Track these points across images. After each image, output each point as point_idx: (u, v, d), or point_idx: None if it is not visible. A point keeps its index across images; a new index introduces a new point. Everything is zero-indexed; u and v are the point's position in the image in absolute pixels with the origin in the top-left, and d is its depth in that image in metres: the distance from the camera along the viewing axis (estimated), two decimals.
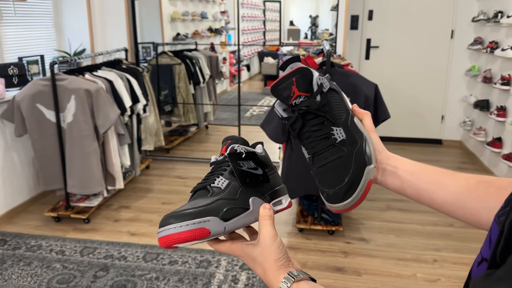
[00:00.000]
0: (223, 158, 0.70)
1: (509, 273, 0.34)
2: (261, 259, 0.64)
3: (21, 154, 3.34)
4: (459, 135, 5.03)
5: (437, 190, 0.67)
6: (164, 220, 0.61)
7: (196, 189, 0.68)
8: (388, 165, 0.71)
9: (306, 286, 0.59)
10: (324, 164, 0.68)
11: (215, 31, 6.10)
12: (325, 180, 0.67)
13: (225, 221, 0.63)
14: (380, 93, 2.92)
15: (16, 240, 2.91)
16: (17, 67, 3.29)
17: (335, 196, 0.66)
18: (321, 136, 0.68)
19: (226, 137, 0.73)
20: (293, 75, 0.68)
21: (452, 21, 4.75)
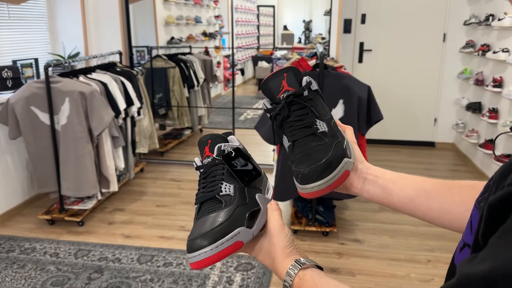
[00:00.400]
0: (211, 161, 0.69)
1: (491, 254, 0.35)
2: (269, 248, 0.65)
3: (15, 157, 3.33)
4: (451, 137, 5.07)
5: (420, 197, 0.67)
6: (194, 244, 0.61)
7: (203, 200, 0.67)
8: (368, 174, 0.71)
9: (312, 273, 0.60)
10: (303, 150, 0.68)
11: (209, 35, 6.12)
12: (302, 163, 0.67)
13: (250, 228, 0.64)
14: (373, 95, 2.95)
15: (10, 243, 2.90)
16: (11, 70, 3.29)
17: (310, 175, 0.65)
18: (303, 125, 0.69)
19: (202, 138, 0.72)
20: (285, 71, 0.72)
21: (444, 24, 4.80)
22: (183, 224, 3.18)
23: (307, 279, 0.60)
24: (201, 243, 0.60)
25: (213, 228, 0.61)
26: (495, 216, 0.38)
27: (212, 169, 0.68)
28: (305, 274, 0.60)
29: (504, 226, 0.35)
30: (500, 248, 0.34)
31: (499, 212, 0.37)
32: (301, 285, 0.60)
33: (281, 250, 0.64)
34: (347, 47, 5.01)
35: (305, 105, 0.70)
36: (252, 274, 2.53)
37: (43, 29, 3.92)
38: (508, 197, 0.36)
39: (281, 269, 0.63)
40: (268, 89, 0.72)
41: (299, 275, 0.61)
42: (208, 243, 0.60)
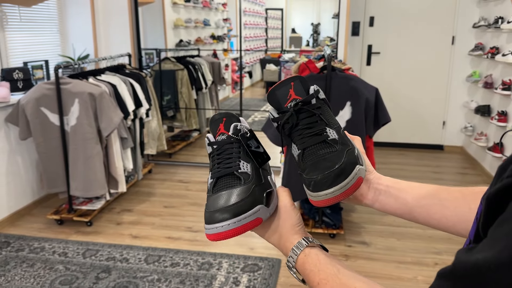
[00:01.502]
0: (227, 139, 0.69)
1: (488, 243, 0.35)
2: (278, 225, 0.66)
3: (25, 157, 3.37)
4: (460, 140, 5.04)
5: (434, 206, 0.65)
6: (214, 216, 0.61)
7: (219, 176, 0.67)
8: (380, 184, 0.70)
9: (318, 252, 0.61)
10: (313, 158, 0.67)
11: (217, 38, 6.15)
12: (314, 170, 0.65)
13: (268, 206, 0.65)
14: (381, 97, 2.95)
15: (20, 242, 2.93)
16: (22, 72, 3.34)
17: (323, 182, 0.63)
18: (313, 133, 0.68)
19: (216, 115, 0.72)
20: (292, 80, 0.72)
21: (453, 27, 4.79)
22: (191, 225, 3.20)
23: (312, 256, 0.60)
24: (223, 216, 0.61)
25: (234, 202, 0.62)
26: (494, 207, 0.38)
27: (227, 146, 0.69)
28: (311, 251, 0.61)
29: (501, 217, 0.36)
30: (497, 237, 0.35)
31: (498, 203, 0.38)
32: (305, 261, 0.61)
33: (290, 227, 0.65)
34: (355, 49, 5.01)
35: (314, 113, 0.70)
36: (258, 275, 2.54)
37: (54, 31, 3.97)
38: (506, 188, 0.37)
39: (288, 244, 0.64)
40: (275, 98, 0.72)
41: (304, 251, 0.61)
42: (229, 216, 0.61)
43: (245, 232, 0.62)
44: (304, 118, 0.70)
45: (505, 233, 0.34)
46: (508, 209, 0.35)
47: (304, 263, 0.61)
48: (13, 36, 3.45)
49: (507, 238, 0.33)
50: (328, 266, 0.58)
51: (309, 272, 0.59)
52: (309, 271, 0.59)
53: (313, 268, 0.59)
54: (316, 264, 0.59)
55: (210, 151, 0.71)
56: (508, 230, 0.34)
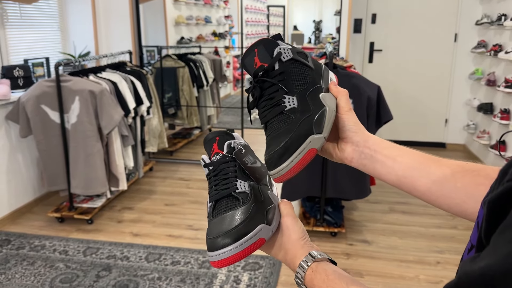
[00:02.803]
0: (222, 158, 0.68)
1: (491, 251, 0.34)
2: (283, 240, 0.64)
3: (26, 155, 3.36)
4: (462, 138, 5.01)
5: (420, 178, 0.63)
6: (216, 242, 0.60)
7: (218, 198, 0.65)
8: (366, 148, 0.66)
9: (325, 267, 0.60)
10: (271, 133, 0.65)
11: (219, 35, 6.13)
12: (268, 148, 0.64)
13: (269, 224, 0.63)
14: (382, 95, 2.93)
15: (20, 240, 2.93)
16: (23, 69, 3.32)
17: (269, 162, 0.63)
18: (273, 104, 0.65)
19: (208, 135, 0.71)
20: (255, 46, 0.66)
21: (456, 24, 4.76)
22: (191, 223, 3.19)
23: (320, 271, 0.59)
24: (224, 242, 0.60)
25: (235, 226, 0.60)
26: (496, 213, 0.37)
27: (222, 166, 0.67)
28: (319, 266, 0.59)
29: (504, 223, 0.35)
30: (499, 244, 0.34)
31: (500, 209, 0.36)
32: (313, 277, 0.59)
33: (295, 241, 0.64)
34: (357, 47, 4.98)
35: (274, 82, 0.65)
36: (259, 274, 2.53)
37: (54, 29, 3.96)
38: (508, 192, 0.36)
39: (294, 260, 0.62)
40: (245, 69, 0.67)
41: (312, 267, 0.60)
42: (231, 241, 0.59)
43: (250, 254, 0.61)
44: (267, 87, 0.65)
45: (508, 240, 0.33)
46: (510, 214, 0.34)
47: (312, 279, 0.60)
48: (14, 33, 3.44)
49: (511, 245, 0.32)
50: (336, 281, 0.57)
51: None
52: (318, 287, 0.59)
53: (321, 285, 0.58)
54: (324, 280, 0.58)
55: (207, 173, 0.69)
56: (511, 236, 0.33)
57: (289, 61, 0.65)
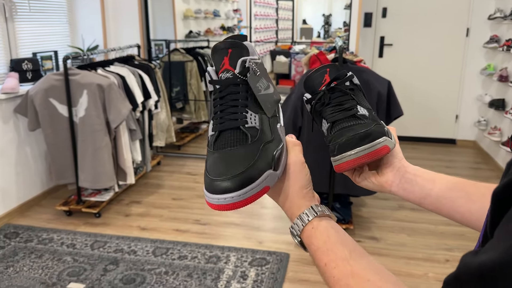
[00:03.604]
0: (233, 78, 0.59)
1: (493, 244, 0.34)
2: (285, 185, 0.60)
3: (34, 148, 3.37)
4: (473, 134, 4.95)
5: (460, 199, 0.64)
6: (219, 185, 0.53)
7: (223, 129, 0.58)
8: (407, 173, 0.68)
9: (327, 225, 0.56)
10: (341, 127, 0.69)
11: (227, 29, 6.11)
12: (340, 136, 0.68)
13: (276, 170, 0.57)
14: (393, 90, 2.89)
15: (28, 233, 2.94)
16: (31, 62, 3.33)
17: (347, 143, 0.67)
18: (343, 108, 0.71)
19: (219, 44, 0.61)
20: (327, 66, 0.74)
21: (468, 18, 4.68)
22: (199, 217, 3.18)
23: (321, 230, 0.55)
24: (227, 186, 0.53)
25: (241, 170, 0.54)
26: (500, 205, 0.36)
27: (232, 88, 0.59)
28: (320, 224, 0.56)
29: (507, 215, 0.34)
30: (502, 237, 0.33)
31: (504, 201, 0.36)
32: (313, 235, 0.55)
33: (298, 189, 0.59)
34: (367, 41, 4.93)
35: (347, 92, 0.71)
36: (266, 270, 2.52)
37: (63, 22, 3.95)
38: (510, 185, 0.35)
39: (294, 209, 0.58)
40: (310, 84, 0.74)
41: (312, 223, 0.56)
42: (235, 187, 0.53)
43: (252, 203, 0.55)
44: (337, 97, 0.71)
45: (510, 232, 0.32)
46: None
47: (311, 236, 0.55)
48: (23, 27, 3.44)
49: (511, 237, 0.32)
50: (338, 246, 0.53)
51: (316, 249, 0.54)
52: (317, 248, 0.54)
53: (321, 246, 0.54)
54: (325, 241, 0.54)
55: (211, 90, 0.61)
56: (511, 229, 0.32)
57: (356, 86, 0.75)
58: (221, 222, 3.11)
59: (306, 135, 2.72)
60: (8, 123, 3.12)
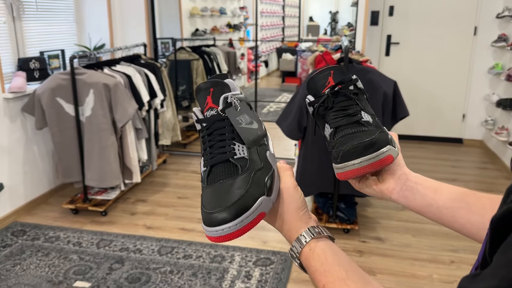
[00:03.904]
0: (217, 115, 0.61)
1: (491, 272, 0.34)
2: (281, 209, 0.61)
3: (41, 147, 3.40)
4: (480, 134, 4.92)
5: (461, 209, 0.64)
6: (214, 218, 0.55)
7: (214, 163, 0.60)
8: (408, 180, 0.69)
9: (325, 247, 0.56)
10: (345, 134, 0.69)
11: (233, 27, 6.10)
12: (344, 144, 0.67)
13: (270, 195, 0.58)
14: (399, 90, 2.88)
15: (35, 231, 2.97)
16: (38, 61, 3.35)
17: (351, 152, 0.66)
18: (347, 113, 0.70)
19: (201, 85, 0.64)
20: (332, 68, 0.74)
21: (476, 17, 4.64)
22: None
23: (318, 252, 0.56)
24: (223, 217, 0.54)
25: (234, 200, 0.55)
26: (498, 233, 0.36)
27: (217, 124, 0.61)
28: (317, 246, 0.56)
29: (504, 243, 0.34)
30: (499, 266, 0.33)
31: (502, 229, 0.36)
32: (310, 257, 0.56)
33: (294, 212, 0.60)
34: (374, 39, 4.90)
35: (351, 97, 0.71)
36: (271, 270, 2.53)
37: (70, 21, 3.97)
38: (509, 213, 0.35)
39: (291, 232, 0.59)
40: (313, 85, 0.73)
41: (310, 244, 0.57)
42: (230, 217, 0.54)
43: (249, 230, 0.56)
44: (341, 101, 0.70)
45: (506, 261, 0.33)
46: (511, 235, 0.34)
47: (308, 258, 0.56)
48: (30, 26, 3.46)
49: (508, 267, 0.32)
50: (335, 267, 0.54)
51: (314, 271, 0.55)
52: (315, 270, 0.55)
53: (318, 267, 0.55)
54: (322, 263, 0.55)
55: (199, 129, 0.63)
56: (509, 258, 0.33)
57: (361, 90, 0.74)
58: None
59: (311, 136, 2.72)
60: (15, 122, 3.15)
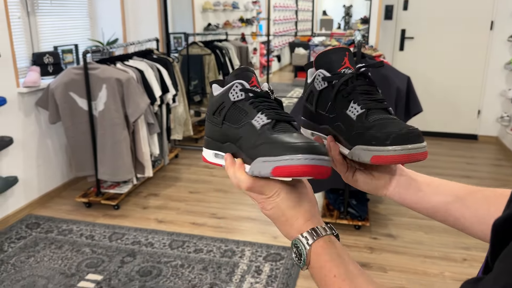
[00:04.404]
0: (267, 92, 0.65)
1: (492, 279, 0.33)
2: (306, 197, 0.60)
3: (55, 141, 3.44)
4: (495, 130, 4.84)
5: (454, 203, 0.64)
6: (319, 147, 0.55)
7: (279, 119, 0.61)
8: (403, 176, 0.68)
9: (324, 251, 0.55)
10: (382, 118, 0.66)
11: (246, 21, 6.08)
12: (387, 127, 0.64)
13: None
14: (412, 86, 2.84)
15: (49, 223, 3.01)
16: (52, 56, 3.38)
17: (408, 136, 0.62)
18: (375, 99, 0.68)
19: (243, 68, 0.67)
20: (346, 49, 0.73)
21: (492, 11, 4.56)
22: (215, 211, 3.21)
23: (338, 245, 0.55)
24: (287, 150, 0.54)
25: (309, 141, 0.56)
26: (499, 237, 0.36)
27: (270, 101, 0.65)
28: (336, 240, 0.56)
29: (506, 250, 0.34)
30: (500, 273, 0.33)
31: (503, 234, 0.35)
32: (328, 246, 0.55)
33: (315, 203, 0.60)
34: (388, 34, 4.85)
35: (374, 83, 0.70)
36: (281, 265, 2.53)
37: (83, 16, 4.00)
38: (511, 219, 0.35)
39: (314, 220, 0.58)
40: (328, 60, 0.71)
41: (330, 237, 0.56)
42: (307, 152, 0.54)
43: (315, 174, 0.54)
44: (363, 84, 0.69)
45: (507, 269, 0.32)
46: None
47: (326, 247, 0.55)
48: (44, 21, 3.49)
49: (509, 275, 0.32)
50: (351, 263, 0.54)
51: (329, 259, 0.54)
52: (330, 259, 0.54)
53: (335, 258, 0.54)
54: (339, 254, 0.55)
55: (245, 98, 0.63)
56: (510, 266, 0.32)
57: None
58: (236, 216, 3.13)
59: None
60: (30, 116, 3.19)
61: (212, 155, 0.68)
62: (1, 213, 2.98)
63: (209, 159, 0.69)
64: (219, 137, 0.66)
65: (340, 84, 0.69)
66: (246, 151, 0.60)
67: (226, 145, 0.65)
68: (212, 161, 0.68)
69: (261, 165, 0.56)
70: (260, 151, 0.57)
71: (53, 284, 2.36)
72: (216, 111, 0.67)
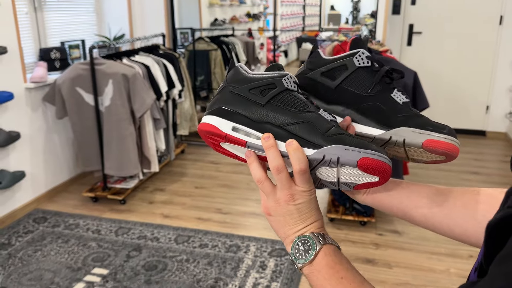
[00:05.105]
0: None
1: (487, 283, 0.33)
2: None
3: (61, 136, 3.47)
4: (504, 126, 4.79)
5: (423, 199, 0.63)
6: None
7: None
8: None
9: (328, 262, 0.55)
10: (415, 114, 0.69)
11: (253, 16, 6.06)
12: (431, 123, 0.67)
13: None
14: (419, 81, 2.82)
15: (56, 218, 3.04)
16: (59, 51, 3.40)
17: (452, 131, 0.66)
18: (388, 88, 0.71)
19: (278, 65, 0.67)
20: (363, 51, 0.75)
21: (501, 5, 4.50)
22: (220, 206, 3.22)
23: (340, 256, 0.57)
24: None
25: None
26: (494, 239, 0.36)
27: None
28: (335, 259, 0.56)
29: (501, 253, 0.33)
30: (495, 277, 0.33)
31: (497, 235, 0.35)
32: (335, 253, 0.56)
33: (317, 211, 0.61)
34: (395, 29, 4.81)
35: (395, 86, 0.72)
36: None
37: (90, 11, 4.01)
38: (506, 219, 0.34)
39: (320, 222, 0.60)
40: (363, 47, 0.73)
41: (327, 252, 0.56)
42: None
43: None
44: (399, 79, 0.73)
45: (503, 273, 0.32)
46: (507, 245, 0.33)
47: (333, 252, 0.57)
48: (51, 16, 3.51)
49: (505, 279, 0.31)
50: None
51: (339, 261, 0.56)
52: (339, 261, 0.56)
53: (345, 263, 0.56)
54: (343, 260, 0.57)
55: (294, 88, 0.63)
56: (506, 269, 0.32)
57: None
58: (241, 212, 3.14)
59: None
60: (37, 111, 3.22)
61: (229, 127, 0.61)
62: (8, 208, 3.01)
63: (223, 129, 0.61)
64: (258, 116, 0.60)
65: (387, 69, 0.70)
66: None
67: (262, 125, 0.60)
68: (228, 132, 0.60)
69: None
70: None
71: (60, 277, 2.38)
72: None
